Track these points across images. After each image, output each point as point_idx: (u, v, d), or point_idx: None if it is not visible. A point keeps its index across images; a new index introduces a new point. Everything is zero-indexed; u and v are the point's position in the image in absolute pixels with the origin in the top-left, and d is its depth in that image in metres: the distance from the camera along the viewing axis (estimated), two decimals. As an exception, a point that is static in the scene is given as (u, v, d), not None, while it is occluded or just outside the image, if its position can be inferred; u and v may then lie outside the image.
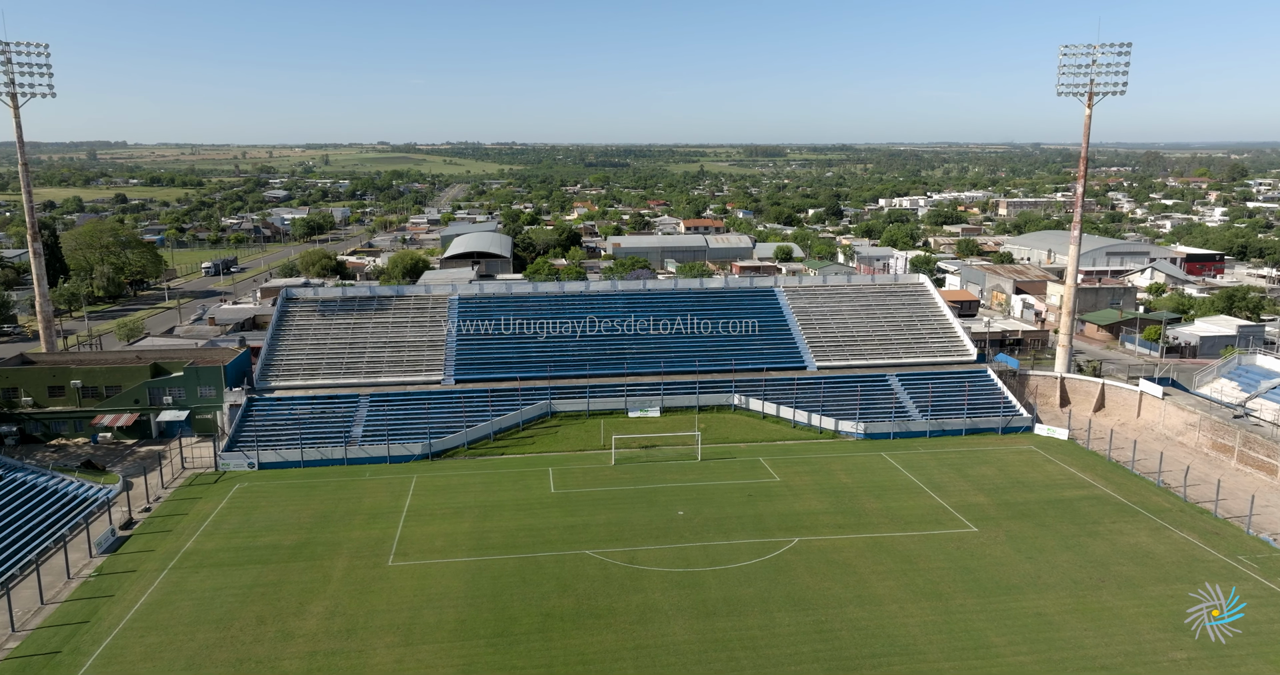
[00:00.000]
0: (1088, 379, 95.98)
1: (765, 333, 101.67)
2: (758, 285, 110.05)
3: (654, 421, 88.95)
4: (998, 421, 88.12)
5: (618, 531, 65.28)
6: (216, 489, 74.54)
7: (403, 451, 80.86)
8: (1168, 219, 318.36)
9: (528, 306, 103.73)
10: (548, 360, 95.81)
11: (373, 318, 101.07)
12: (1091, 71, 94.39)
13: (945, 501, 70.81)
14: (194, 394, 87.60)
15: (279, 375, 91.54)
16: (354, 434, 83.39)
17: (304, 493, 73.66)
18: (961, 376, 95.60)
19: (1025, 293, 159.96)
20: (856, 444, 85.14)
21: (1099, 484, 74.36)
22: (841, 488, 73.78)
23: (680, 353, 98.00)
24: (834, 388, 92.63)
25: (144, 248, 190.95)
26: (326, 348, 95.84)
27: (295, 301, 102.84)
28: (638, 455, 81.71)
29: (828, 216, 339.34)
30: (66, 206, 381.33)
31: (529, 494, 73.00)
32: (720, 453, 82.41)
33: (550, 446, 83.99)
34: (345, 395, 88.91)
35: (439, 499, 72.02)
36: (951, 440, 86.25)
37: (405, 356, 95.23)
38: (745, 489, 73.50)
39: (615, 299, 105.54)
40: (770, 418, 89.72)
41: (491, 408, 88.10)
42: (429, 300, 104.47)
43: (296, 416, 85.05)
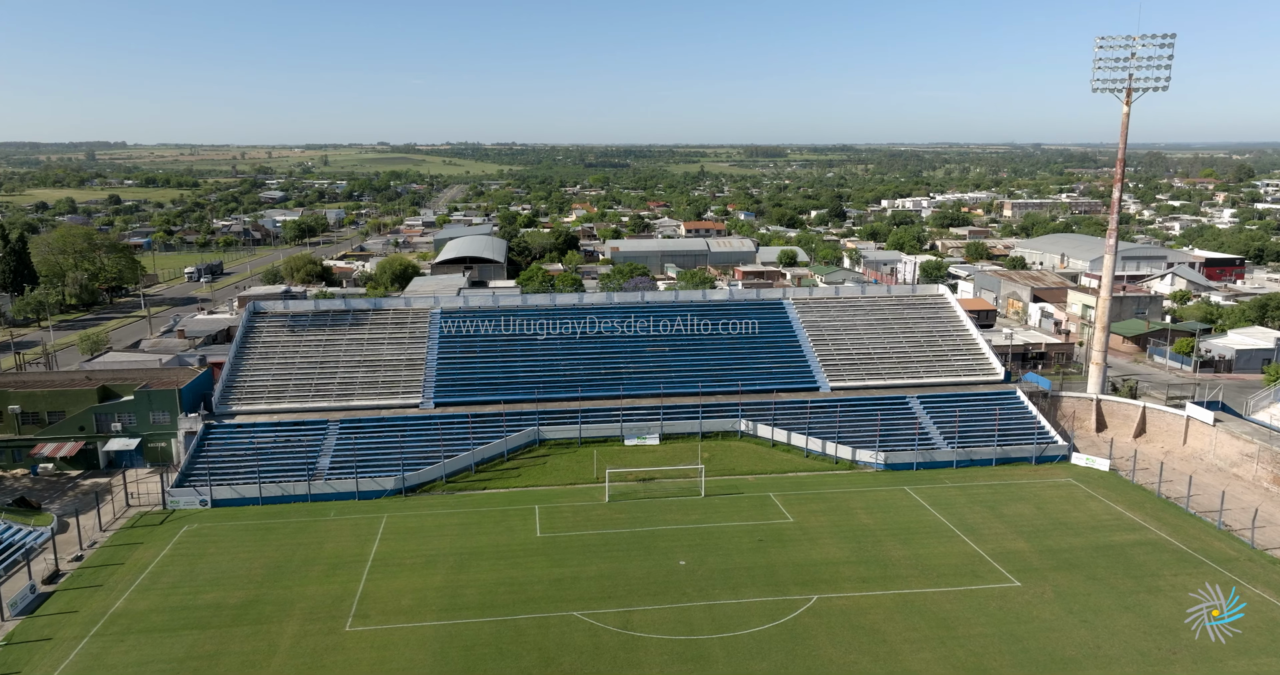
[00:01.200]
0: (1127, 402, 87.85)
1: (774, 350, 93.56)
2: (765, 297, 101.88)
3: (652, 450, 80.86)
4: (1031, 450, 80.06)
5: (611, 586, 57.22)
6: (161, 532, 66.42)
7: (373, 486, 72.80)
8: (1176, 220, 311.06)
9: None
10: (536, 381, 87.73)
11: (347, 334, 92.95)
12: (1130, 66, 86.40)
13: (980, 548, 62.75)
14: (146, 420, 79.52)
15: (241, 398, 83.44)
16: (320, 466, 75.29)
17: (259, 536, 65.57)
18: (989, 399, 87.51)
19: (1043, 300, 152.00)
20: (876, 476, 77.07)
21: (1151, 525, 66.32)
22: (862, 530, 65.73)
23: (681, 373, 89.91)
24: (850, 411, 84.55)
25: (120, 252, 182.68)
26: (295, 367, 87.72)
27: (263, 316, 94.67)
28: (634, 490, 73.63)
29: (831, 218, 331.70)
30: (59, 208, 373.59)
31: (512, 538, 64.93)
32: (726, 487, 74.36)
33: (537, 479, 75.89)
34: (313, 421, 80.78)
35: (410, 544, 63.94)
36: (981, 472, 78.19)
37: (381, 377, 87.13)
38: (755, 532, 65.45)
39: (611, 312, 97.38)
40: (781, 446, 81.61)
41: (473, 435, 79.98)
42: (409, 314, 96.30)
43: (257, 446, 76.96)
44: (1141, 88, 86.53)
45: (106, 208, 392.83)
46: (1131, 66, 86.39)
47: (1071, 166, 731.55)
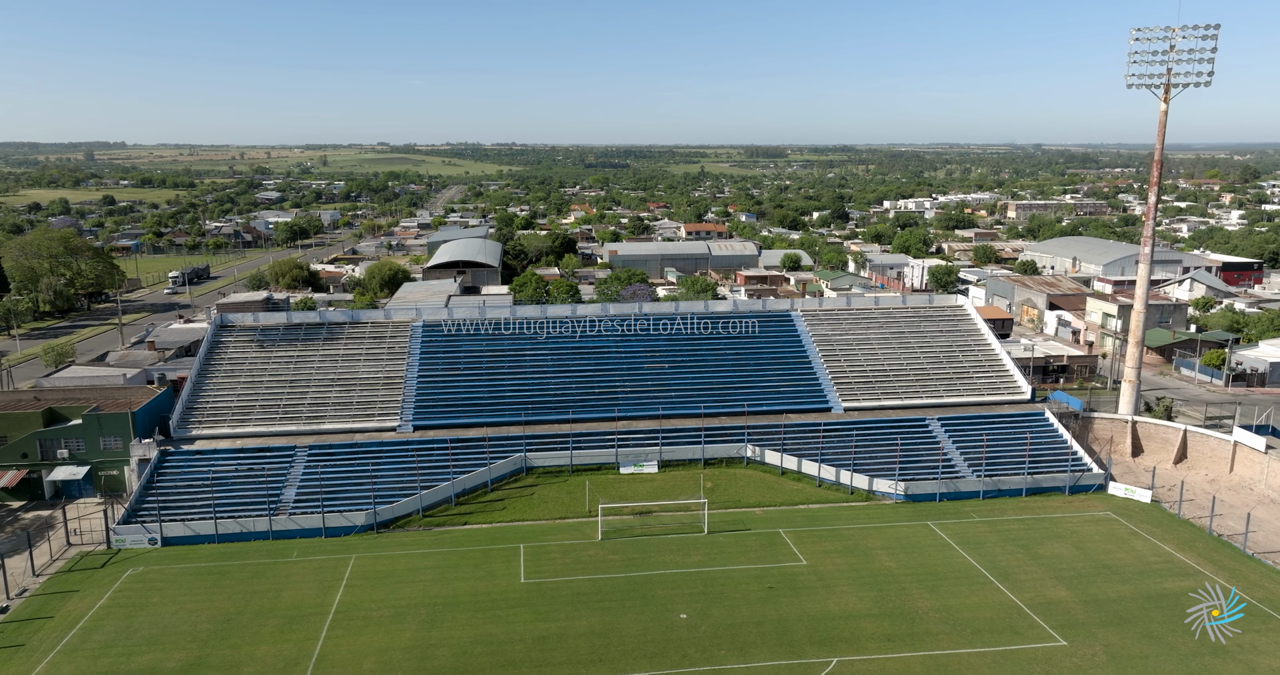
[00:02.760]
0: (1165, 424, 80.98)
1: (781, 366, 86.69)
2: (772, 308, 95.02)
3: (650, 480, 73.96)
4: (1064, 479, 73.23)
5: (602, 646, 50.39)
6: (102, 577, 59.55)
7: (342, 522, 65.91)
8: (1183, 222, 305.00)
9: (504, 335, 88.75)
10: (524, 402, 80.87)
11: (321, 349, 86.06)
12: (1169, 59, 79.61)
13: (1018, 597, 55.94)
14: (96, 446, 72.68)
15: (203, 421, 76.60)
16: (284, 498, 68.42)
17: (211, 582, 58.70)
18: (1016, 420, 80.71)
19: (1060, 308, 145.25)
20: (896, 509, 70.21)
21: (1206, 570, 59.47)
22: (884, 575, 58.88)
23: (682, 392, 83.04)
24: (865, 435, 77.70)
25: (99, 257, 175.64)
26: (263, 387, 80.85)
27: (230, 330, 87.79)
28: (630, 526, 66.75)
29: (833, 220, 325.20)
30: (52, 209, 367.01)
31: (492, 584, 58.08)
32: (731, 521, 67.49)
33: (524, 513, 69.01)
34: (279, 448, 73.90)
35: (378, 592, 57.08)
36: (1010, 503, 71.34)
37: (355, 397, 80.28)
38: (764, 577, 58.59)
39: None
40: (790, 474, 74.75)
41: (454, 463, 73.12)
42: (388, 327, 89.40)
43: (217, 475, 70.11)
44: (1181, 83, 79.74)
45: (100, 208, 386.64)
46: (1170, 60, 79.62)
47: (1073, 167, 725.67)
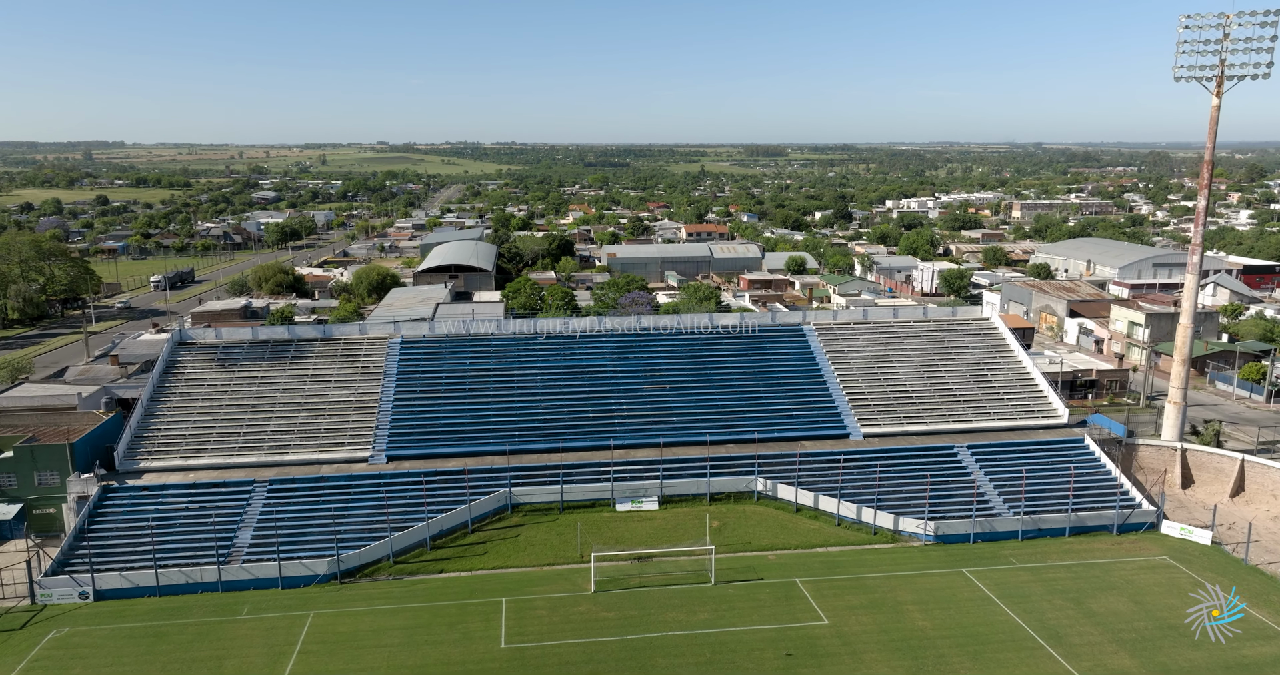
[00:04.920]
0: (1219, 453, 73.33)
1: (794, 387, 79.04)
2: (782, 322, 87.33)
3: (650, 518, 66.30)
4: (1111, 516, 65.63)
5: (594, 735, 42.85)
6: (19, 641, 51.89)
7: (301, 570, 58.25)
8: (1192, 222, 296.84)
9: (489, 352, 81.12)
10: (511, 429, 73.21)
11: (288, 368, 78.40)
12: (1223, 49, 72.06)
13: (1075, 666, 48.36)
14: (29, 481, 65.07)
15: (152, 452, 68.93)
16: (238, 542, 60.77)
17: (145, 647, 51.05)
18: (1053, 449, 73.11)
19: (1081, 316, 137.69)
20: (926, 553, 62.58)
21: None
22: (918, 638, 51.29)
23: (685, 417, 75.41)
24: (889, 465, 70.06)
25: (72, 262, 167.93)
26: (222, 412, 73.18)
27: (189, 347, 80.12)
28: (627, 575, 59.09)
29: (836, 220, 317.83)
30: (45, 209, 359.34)
31: (468, 650, 50.49)
32: (742, 568, 59.85)
33: (507, 559, 61.35)
34: (236, 482, 66.24)
35: (337, 661, 49.44)
36: (1052, 546, 63.70)
37: (324, 423, 72.62)
38: (781, 641, 50.99)
39: (601, 342, 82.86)
40: (806, 511, 67.12)
41: (431, 500, 65.46)
42: (363, 344, 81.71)
43: (164, 515, 62.49)
44: (1236, 74, 72.24)
45: (94, 209, 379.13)
46: (1224, 50, 72.07)
47: (1075, 166, 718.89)
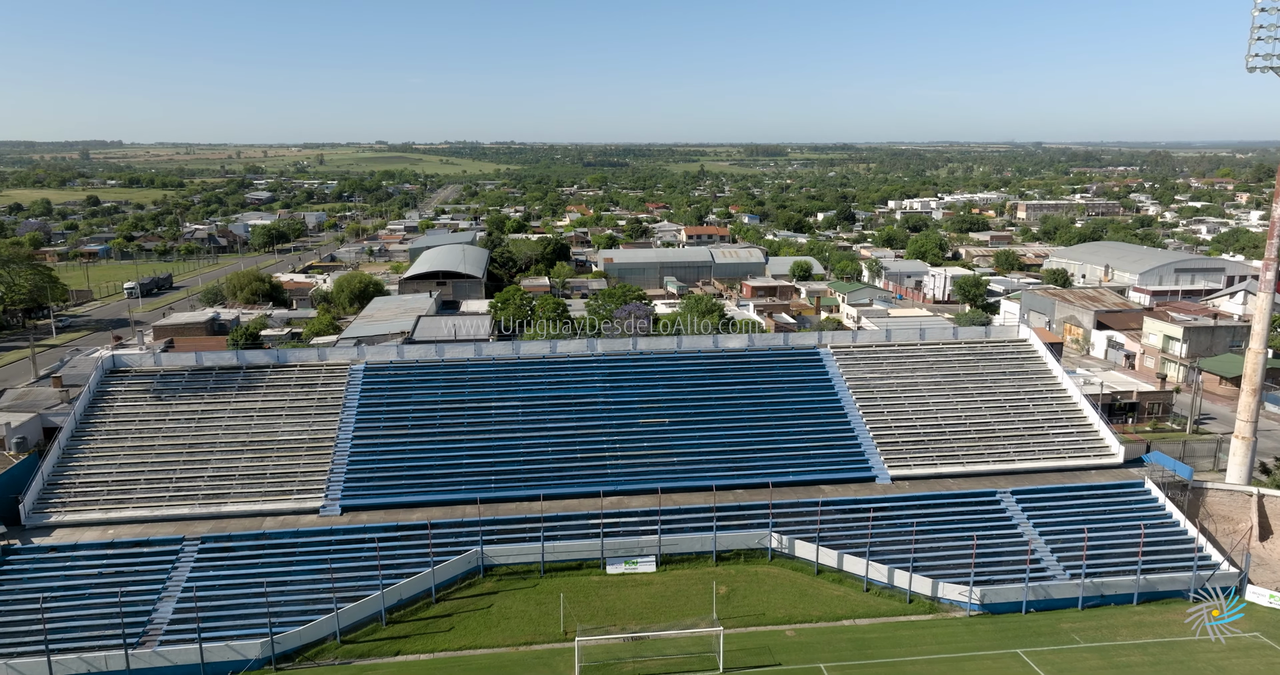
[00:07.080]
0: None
1: (810, 421, 69.43)
2: (795, 344, 77.62)
3: (647, 583, 56.67)
4: (1186, 580, 56.09)
5: None
6: None
7: (228, 654, 48.61)
8: (1202, 223, 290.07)
9: (464, 381, 71.46)
10: (485, 473, 63.53)
11: (234, 400, 68.70)
12: (1306, 34, 62.65)
13: (1173, 794, 38.91)
14: (-82, 541, 55.41)
15: (67, 503, 59.27)
16: (157, 617, 51.12)
17: (24, 765, 41.55)
18: (1110, 495, 63.52)
19: (1109, 328, 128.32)
20: (971, 627, 52.98)
21: None
22: (976, 752, 41.78)
23: (687, 458, 65.75)
24: (923, 516, 60.49)
25: (34, 268, 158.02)
26: (153, 453, 63.46)
27: (122, 376, 70.40)
28: (619, 658, 49.46)
29: (839, 221, 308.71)
30: (33, 210, 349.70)
31: (422, 769, 40.96)
32: (755, 648, 50.24)
33: (477, 637, 51.71)
34: (162, 539, 56.55)
35: (258, 786, 39.95)
36: (1119, 616, 54.13)
37: (270, 467, 62.93)
38: (807, 756, 41.50)
39: (592, 369, 73.21)
40: (828, 573, 57.49)
41: (388, 562, 55.78)
42: (320, 372, 72.03)
43: (73, 584, 52.86)
44: (1322, 64, 62.79)
45: (84, 209, 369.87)
46: (1308, 36, 62.65)
47: (1076, 165, 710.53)
